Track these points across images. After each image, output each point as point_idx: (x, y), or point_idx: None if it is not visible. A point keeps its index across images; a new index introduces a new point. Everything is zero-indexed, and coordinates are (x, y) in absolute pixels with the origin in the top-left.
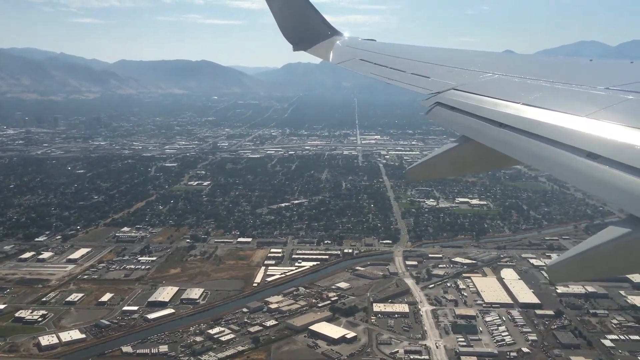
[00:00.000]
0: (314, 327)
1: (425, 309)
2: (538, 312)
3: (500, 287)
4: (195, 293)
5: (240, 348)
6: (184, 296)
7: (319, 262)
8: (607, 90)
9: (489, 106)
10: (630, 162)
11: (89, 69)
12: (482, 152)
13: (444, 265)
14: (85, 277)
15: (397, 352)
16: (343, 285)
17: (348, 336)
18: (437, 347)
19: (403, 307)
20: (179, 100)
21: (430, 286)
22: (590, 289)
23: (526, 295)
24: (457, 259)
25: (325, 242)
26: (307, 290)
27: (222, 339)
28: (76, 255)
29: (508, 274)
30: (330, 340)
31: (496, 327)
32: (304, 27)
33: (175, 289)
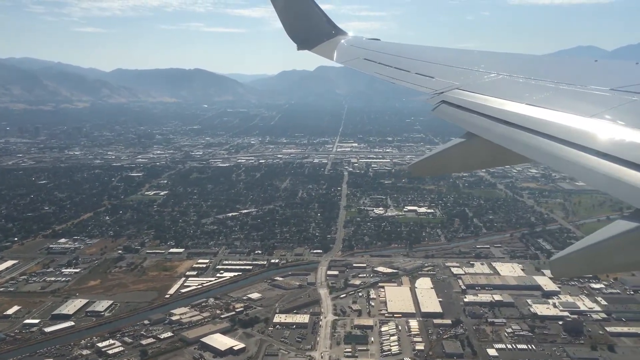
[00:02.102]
0: (205, 339)
1: (327, 319)
2: (436, 321)
3: (410, 296)
4: (102, 305)
5: None
6: (90, 309)
7: (241, 273)
8: (612, 92)
9: (495, 105)
10: (637, 160)
11: (82, 78)
12: (488, 148)
13: (364, 275)
14: (2, 289)
15: None
16: (255, 296)
17: (236, 348)
18: (321, 357)
19: (304, 318)
20: (169, 108)
21: (342, 296)
22: (497, 297)
23: (431, 304)
24: (380, 269)
25: (256, 252)
26: (217, 302)
27: (110, 352)
28: (1, 267)
29: (422, 284)
30: (217, 352)
31: (388, 337)
32: (308, 26)
33: (85, 301)
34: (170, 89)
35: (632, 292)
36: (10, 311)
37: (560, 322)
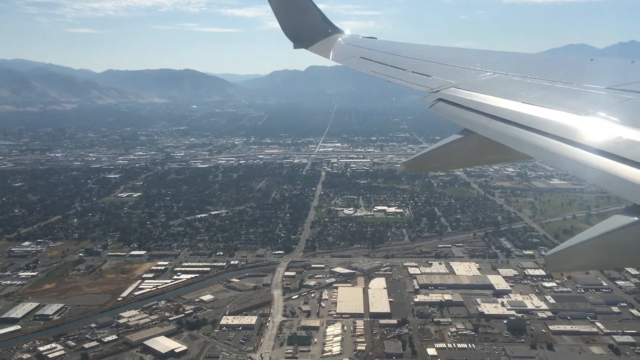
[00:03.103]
0: (148, 342)
1: (275, 320)
2: (383, 321)
3: (361, 297)
4: (51, 309)
5: None
6: (39, 312)
7: (198, 275)
8: (607, 90)
9: (491, 103)
10: (634, 157)
11: (71, 80)
12: (484, 145)
13: (321, 276)
14: None
15: None
16: (207, 297)
17: (177, 350)
18: (262, 358)
19: (251, 320)
20: (157, 109)
21: (294, 297)
22: (447, 297)
23: (380, 304)
24: (337, 269)
25: (218, 253)
26: (167, 304)
27: (51, 356)
28: None
29: (376, 284)
30: (158, 355)
31: (332, 338)
32: (304, 24)
33: (35, 304)
34: (160, 89)
35: (582, 291)
36: None
37: (505, 321)
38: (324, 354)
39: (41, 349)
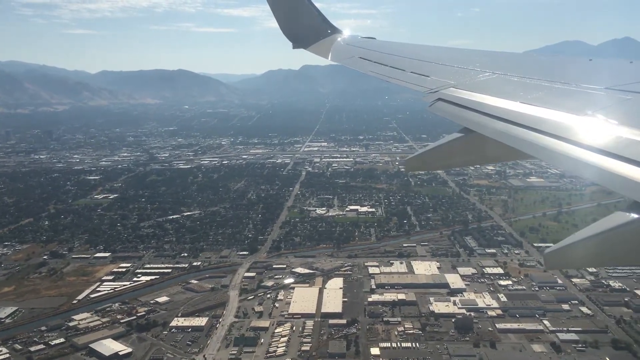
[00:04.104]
0: (94, 345)
1: (227, 321)
2: (333, 321)
3: (316, 297)
4: (4, 312)
5: None
6: None
7: (158, 277)
8: (606, 90)
9: (490, 103)
10: (634, 156)
11: (64, 81)
12: (485, 144)
13: (280, 276)
14: None
15: None
16: (162, 299)
17: (121, 353)
18: (205, 359)
19: (201, 321)
20: (149, 110)
21: (250, 298)
22: (401, 296)
23: (333, 305)
24: (298, 270)
25: (183, 255)
26: (121, 306)
27: None
28: None
29: (333, 284)
30: (102, 358)
31: (279, 339)
32: (303, 24)
33: None
34: (154, 90)
35: (536, 289)
36: None
37: (453, 320)
38: (268, 355)
39: None
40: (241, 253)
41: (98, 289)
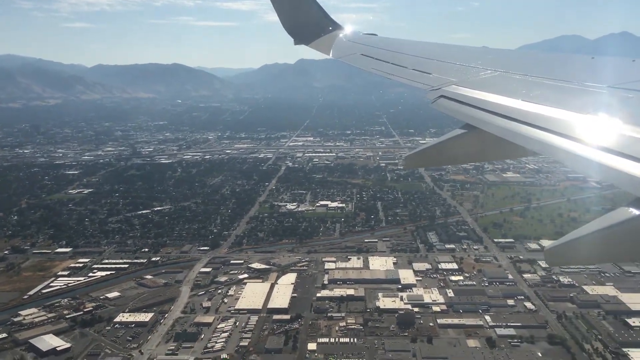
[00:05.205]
0: (34, 340)
1: (172, 317)
2: (277, 317)
3: (265, 293)
4: None
5: None
6: None
7: (114, 272)
8: (609, 89)
9: (493, 100)
10: (637, 154)
11: (58, 75)
12: (487, 141)
13: (236, 272)
14: None
15: None
16: (113, 295)
17: (59, 348)
18: (141, 354)
19: (146, 317)
20: (142, 104)
21: (200, 293)
22: (350, 292)
23: (280, 300)
24: (254, 265)
25: (143, 250)
26: (70, 302)
27: None
28: None
29: (286, 279)
30: (39, 353)
31: (219, 334)
32: (305, 20)
33: None
34: (147, 84)
35: (486, 284)
36: None
37: (396, 315)
38: (205, 350)
39: None
40: (202, 248)
41: (52, 284)
